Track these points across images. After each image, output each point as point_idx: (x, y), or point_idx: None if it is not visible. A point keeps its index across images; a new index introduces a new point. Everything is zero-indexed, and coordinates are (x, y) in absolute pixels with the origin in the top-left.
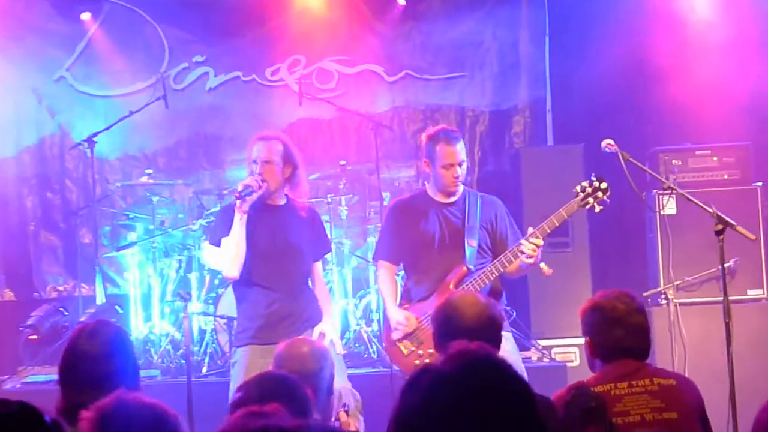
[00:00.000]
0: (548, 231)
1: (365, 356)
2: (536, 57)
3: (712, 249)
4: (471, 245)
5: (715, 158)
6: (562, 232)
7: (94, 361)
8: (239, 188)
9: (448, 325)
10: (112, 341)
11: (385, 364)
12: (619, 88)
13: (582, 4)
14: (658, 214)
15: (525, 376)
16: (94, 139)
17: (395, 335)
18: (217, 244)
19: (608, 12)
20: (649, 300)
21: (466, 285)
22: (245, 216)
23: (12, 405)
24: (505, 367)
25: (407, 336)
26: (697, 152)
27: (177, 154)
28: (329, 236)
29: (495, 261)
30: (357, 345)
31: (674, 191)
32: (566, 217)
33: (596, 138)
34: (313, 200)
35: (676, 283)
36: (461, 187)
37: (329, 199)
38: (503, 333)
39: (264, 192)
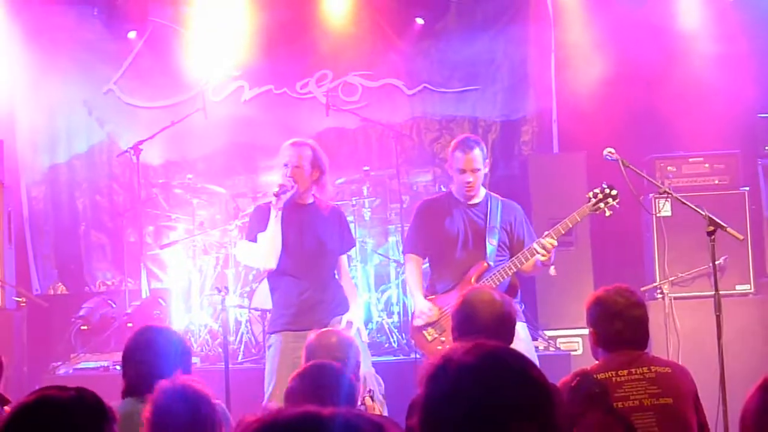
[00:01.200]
0: (562, 232)
1: (386, 345)
2: (543, 72)
3: (704, 248)
4: (491, 244)
5: (706, 165)
6: (566, 231)
7: (149, 358)
8: (276, 188)
9: (466, 322)
10: (166, 342)
11: (405, 352)
12: (619, 99)
13: (584, 24)
14: (654, 215)
15: (537, 363)
16: (140, 146)
17: (417, 322)
18: (254, 239)
19: (609, 30)
20: (646, 294)
21: (486, 280)
22: (280, 213)
23: (71, 391)
24: (520, 358)
25: (431, 324)
26: (690, 159)
27: (214, 160)
28: (354, 235)
29: (513, 258)
30: (379, 335)
31: (669, 195)
32: (578, 220)
33: (598, 145)
34: (339, 202)
35: (670, 278)
36: (483, 191)
37: (354, 202)
38: (519, 323)
39: (294, 192)
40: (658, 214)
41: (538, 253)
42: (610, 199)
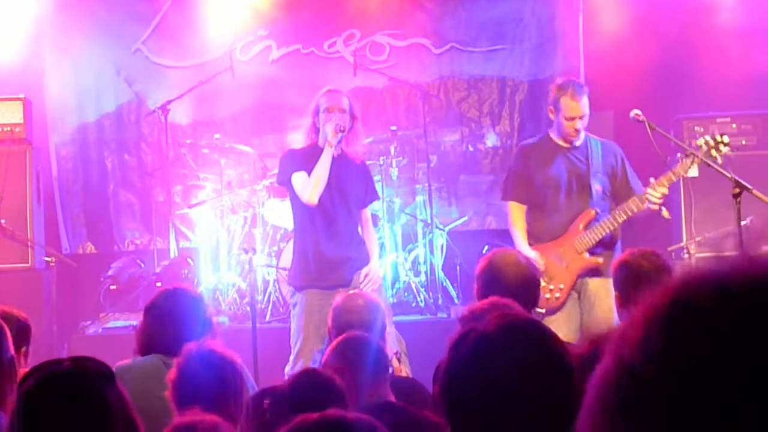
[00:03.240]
0: (674, 179)
1: (413, 305)
2: (571, 31)
3: (731, 208)
4: (596, 189)
5: (734, 125)
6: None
7: (172, 319)
8: (339, 129)
9: (491, 284)
10: (188, 303)
11: (432, 311)
12: (647, 58)
13: None
14: (681, 176)
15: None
16: (168, 106)
17: None
18: (284, 182)
19: None
20: (672, 254)
21: (594, 228)
22: (334, 150)
23: (67, 362)
24: (540, 329)
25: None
26: (718, 119)
27: (242, 120)
28: (379, 192)
29: (623, 206)
30: (406, 294)
31: (696, 156)
32: (690, 167)
33: (625, 105)
34: (367, 162)
35: (697, 239)
36: (582, 133)
37: (381, 161)
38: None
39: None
40: (685, 175)
41: (651, 202)
42: (722, 146)
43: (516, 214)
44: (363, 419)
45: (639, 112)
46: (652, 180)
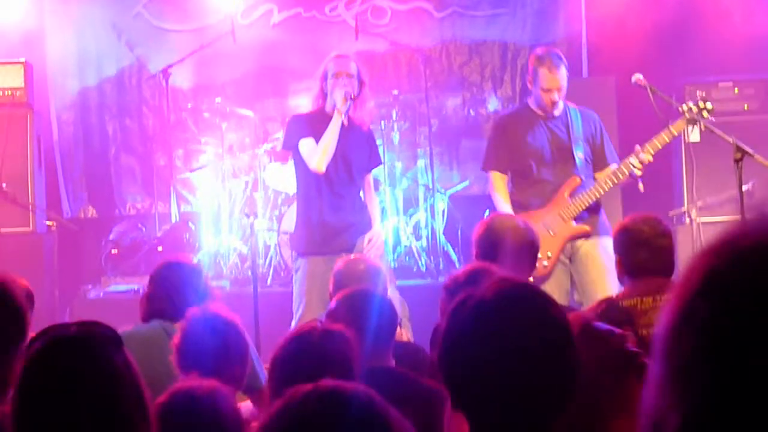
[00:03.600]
0: (659, 147)
1: (414, 269)
2: None
3: (732, 173)
4: (579, 157)
5: (736, 90)
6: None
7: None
8: (348, 97)
9: (492, 249)
10: (188, 273)
11: (433, 276)
12: (649, 22)
13: None
14: (683, 141)
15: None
16: (169, 70)
17: None
18: (291, 147)
19: None
20: (674, 219)
21: (580, 196)
22: (344, 118)
23: (74, 326)
24: (540, 295)
25: None
26: (720, 84)
27: (244, 84)
28: (381, 156)
29: (610, 174)
30: (407, 259)
31: (698, 121)
32: (675, 134)
33: (627, 69)
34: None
35: (698, 203)
36: (561, 103)
37: (383, 126)
38: (606, 238)
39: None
40: (687, 140)
41: (635, 168)
42: (705, 112)
43: (498, 184)
44: (359, 390)
45: (641, 76)
46: (637, 147)
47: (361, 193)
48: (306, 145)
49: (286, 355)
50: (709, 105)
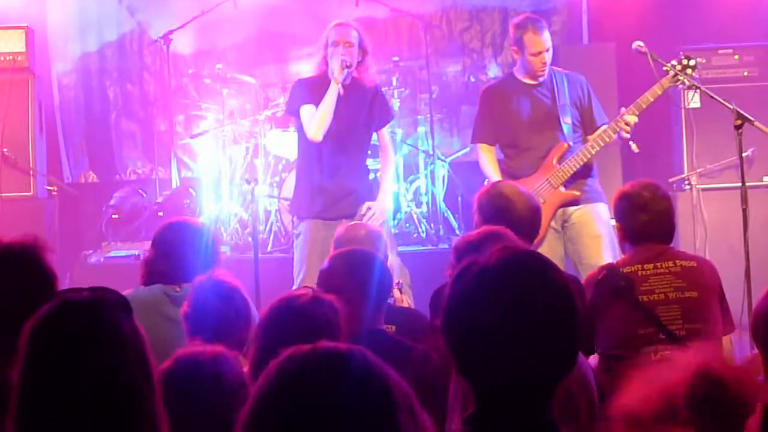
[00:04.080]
0: (643, 107)
1: (414, 236)
2: None
3: (732, 139)
4: (566, 123)
5: (736, 57)
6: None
7: (177, 249)
8: (345, 65)
9: (501, 214)
10: (192, 234)
11: (433, 242)
12: None
13: None
14: (683, 108)
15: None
16: (170, 36)
17: None
18: (294, 113)
19: None
20: (674, 185)
21: (568, 161)
22: (341, 87)
23: (86, 291)
24: (543, 261)
25: None
26: (720, 51)
27: (244, 49)
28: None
29: (596, 137)
30: (408, 225)
31: (698, 87)
32: (659, 93)
33: (628, 36)
34: None
35: (698, 170)
36: (547, 68)
37: (383, 92)
38: (601, 204)
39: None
40: (686, 106)
41: (622, 129)
42: (689, 70)
43: (487, 156)
44: (355, 350)
45: (641, 43)
46: (622, 109)
47: (373, 163)
48: (306, 111)
49: (272, 318)
50: (692, 62)
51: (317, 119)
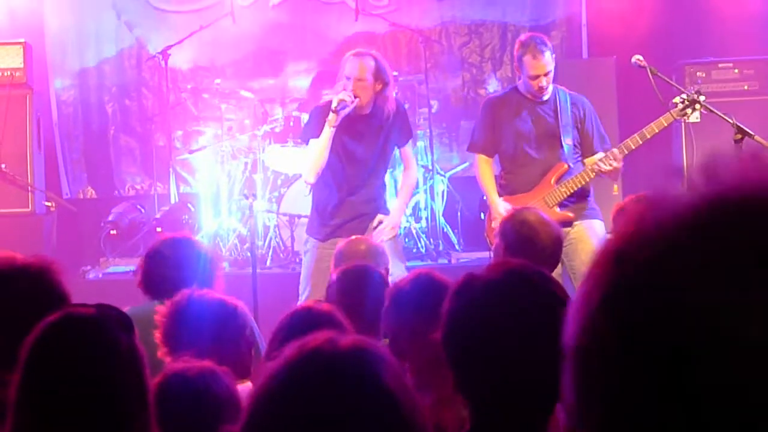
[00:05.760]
0: (648, 137)
1: (414, 251)
2: None
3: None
4: (567, 143)
5: (736, 70)
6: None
7: (171, 267)
8: (334, 103)
9: (527, 243)
10: (188, 250)
11: (433, 257)
12: (648, 3)
13: None
14: (683, 122)
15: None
16: (168, 51)
17: (495, 224)
18: (306, 142)
19: None
20: None
21: (566, 182)
22: (334, 130)
23: (92, 307)
24: (543, 276)
25: None
26: (720, 65)
27: (243, 65)
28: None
29: (593, 165)
30: (407, 240)
31: (698, 102)
32: (665, 125)
33: (628, 50)
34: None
35: None
36: (551, 86)
37: (405, 109)
38: (596, 221)
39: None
40: (687, 120)
41: (603, 169)
42: (697, 105)
43: (483, 167)
44: (357, 350)
45: (641, 57)
46: (615, 150)
47: (387, 177)
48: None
49: (283, 331)
50: (702, 98)
51: (311, 162)
